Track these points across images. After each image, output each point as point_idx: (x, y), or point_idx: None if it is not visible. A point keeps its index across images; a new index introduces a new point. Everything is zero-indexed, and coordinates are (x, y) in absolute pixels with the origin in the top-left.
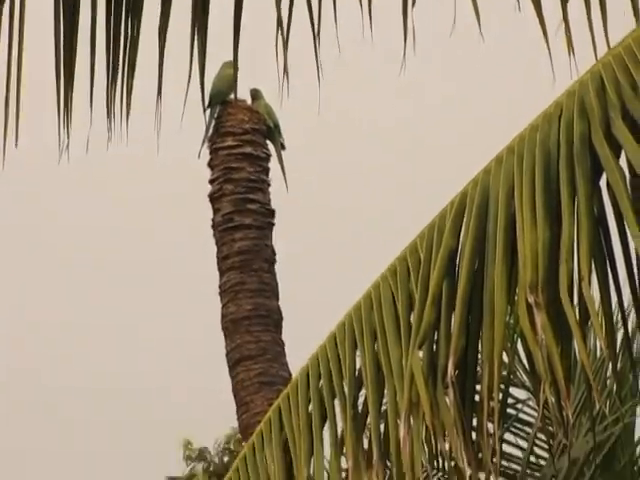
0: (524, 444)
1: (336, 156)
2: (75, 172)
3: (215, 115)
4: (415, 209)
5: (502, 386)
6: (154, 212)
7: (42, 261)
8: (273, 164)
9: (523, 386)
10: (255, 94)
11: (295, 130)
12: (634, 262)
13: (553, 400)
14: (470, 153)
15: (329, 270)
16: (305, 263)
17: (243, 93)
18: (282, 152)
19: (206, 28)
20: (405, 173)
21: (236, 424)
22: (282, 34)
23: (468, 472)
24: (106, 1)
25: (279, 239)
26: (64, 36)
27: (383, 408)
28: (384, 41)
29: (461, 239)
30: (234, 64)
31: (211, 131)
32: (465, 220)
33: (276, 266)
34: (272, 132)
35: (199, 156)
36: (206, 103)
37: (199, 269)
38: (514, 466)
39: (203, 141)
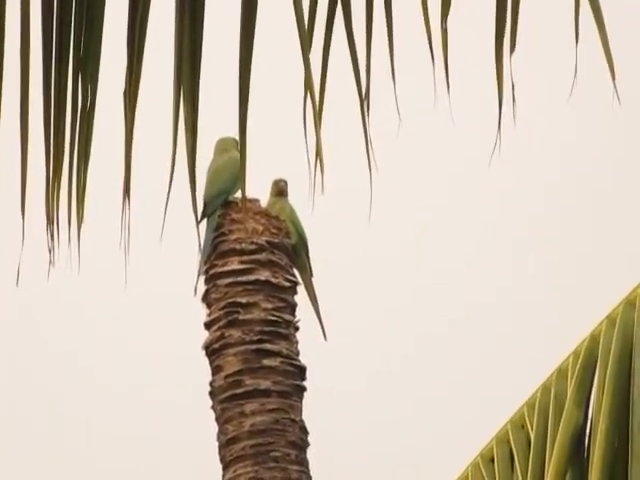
0: None
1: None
2: None
3: (214, 225)
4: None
5: None
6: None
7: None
8: (302, 298)
9: None
10: (277, 189)
11: (333, 251)
12: None
13: None
14: None
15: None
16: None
17: (254, 188)
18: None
19: (197, 95)
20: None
21: None
22: (314, 102)
23: None
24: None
25: (312, 413)
26: None
27: None
28: None
29: (592, 407)
30: (241, 145)
31: (208, 249)
32: (598, 379)
33: (310, 452)
34: (298, 250)
35: (195, 291)
36: (199, 210)
37: (191, 459)
38: None
39: (199, 271)
